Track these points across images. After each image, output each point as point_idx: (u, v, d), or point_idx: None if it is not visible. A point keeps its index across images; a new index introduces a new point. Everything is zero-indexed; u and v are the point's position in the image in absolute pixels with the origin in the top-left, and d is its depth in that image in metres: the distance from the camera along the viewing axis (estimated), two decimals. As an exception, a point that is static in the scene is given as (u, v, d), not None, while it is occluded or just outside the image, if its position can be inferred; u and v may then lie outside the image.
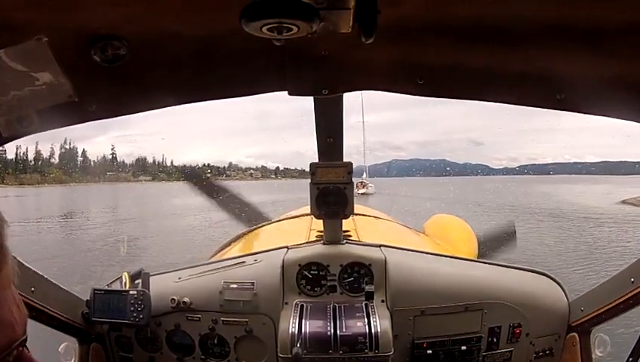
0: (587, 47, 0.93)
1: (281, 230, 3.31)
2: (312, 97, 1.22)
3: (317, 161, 1.71)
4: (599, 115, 1.14)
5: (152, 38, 0.93)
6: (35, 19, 0.84)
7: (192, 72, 1.09)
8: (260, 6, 0.74)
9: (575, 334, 1.94)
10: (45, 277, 1.70)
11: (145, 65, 1.02)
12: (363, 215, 3.32)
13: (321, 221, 1.94)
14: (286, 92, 1.14)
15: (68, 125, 1.18)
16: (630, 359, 1.63)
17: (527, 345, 2.01)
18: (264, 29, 0.77)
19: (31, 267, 1.63)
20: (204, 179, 4.52)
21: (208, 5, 0.82)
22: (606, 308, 1.74)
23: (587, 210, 23.29)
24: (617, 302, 1.67)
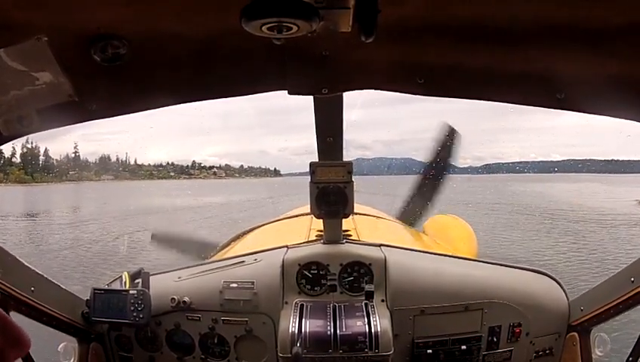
0: (587, 47, 0.93)
1: (281, 229, 3.31)
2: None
3: (315, 160, 1.71)
4: (599, 115, 1.14)
5: (152, 38, 0.93)
6: (35, 19, 0.84)
7: (192, 72, 1.09)
8: (259, 5, 0.74)
9: (575, 333, 1.94)
10: (45, 276, 1.70)
11: (145, 65, 1.02)
12: (363, 214, 3.32)
13: (321, 220, 1.94)
14: (286, 91, 1.14)
15: (68, 125, 1.18)
16: (630, 359, 1.63)
17: (527, 345, 2.01)
18: (264, 28, 0.77)
19: (30, 266, 1.63)
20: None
21: (208, 5, 0.82)
22: (606, 307, 1.74)
23: (609, 213, 19.55)
24: (617, 301, 1.68)
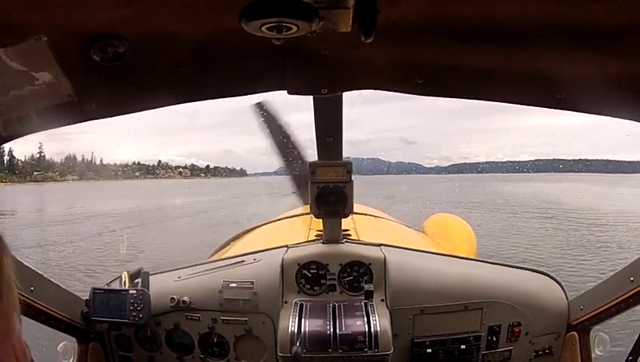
0: (587, 47, 0.93)
1: (281, 229, 3.32)
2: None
3: (315, 159, 1.71)
4: (599, 115, 1.14)
5: (152, 38, 0.93)
6: (35, 19, 0.84)
7: (192, 72, 1.09)
8: (259, 5, 0.74)
9: (575, 333, 1.94)
10: (45, 276, 1.70)
11: (145, 65, 1.02)
12: (363, 214, 3.32)
13: (321, 220, 1.94)
14: (285, 91, 1.14)
15: (67, 124, 1.18)
16: (630, 358, 1.64)
17: (526, 344, 2.01)
18: (264, 29, 0.77)
19: (30, 266, 1.63)
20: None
21: (208, 5, 0.82)
22: (605, 307, 1.74)
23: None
24: (617, 301, 1.68)
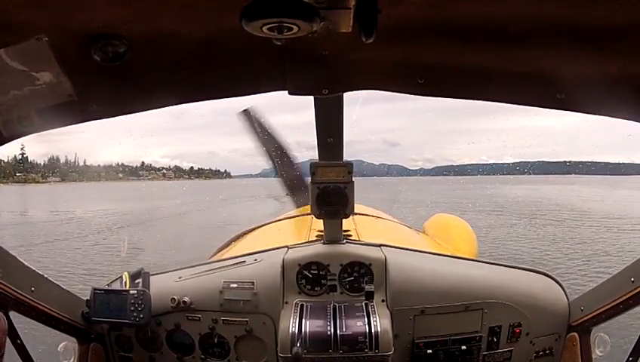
0: (587, 47, 0.93)
1: (281, 230, 3.31)
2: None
3: (315, 160, 1.71)
4: (599, 115, 1.14)
5: (153, 38, 0.93)
6: (36, 19, 0.84)
7: (192, 72, 1.09)
8: (260, 5, 0.74)
9: (575, 334, 1.94)
10: (45, 277, 1.71)
11: (145, 65, 1.02)
12: (363, 214, 3.32)
13: (321, 220, 1.94)
14: (286, 91, 1.14)
15: (68, 125, 1.18)
16: (630, 359, 1.64)
17: (527, 345, 2.01)
18: (264, 29, 0.77)
19: (31, 267, 1.63)
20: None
21: (208, 5, 0.82)
22: (606, 307, 1.74)
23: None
24: (617, 301, 1.68)
